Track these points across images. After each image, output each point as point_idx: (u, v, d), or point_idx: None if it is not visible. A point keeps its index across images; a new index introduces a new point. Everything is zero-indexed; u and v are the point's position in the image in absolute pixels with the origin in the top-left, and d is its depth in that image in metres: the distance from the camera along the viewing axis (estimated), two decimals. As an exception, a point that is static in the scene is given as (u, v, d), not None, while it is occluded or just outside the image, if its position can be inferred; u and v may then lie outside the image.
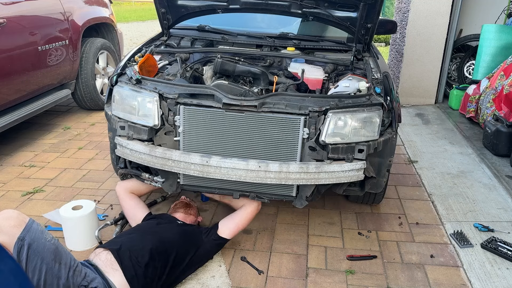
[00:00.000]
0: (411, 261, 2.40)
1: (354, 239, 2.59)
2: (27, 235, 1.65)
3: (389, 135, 2.31)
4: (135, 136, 2.28)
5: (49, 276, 1.63)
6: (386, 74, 2.52)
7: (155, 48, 2.91)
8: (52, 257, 1.66)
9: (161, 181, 2.40)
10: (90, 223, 2.44)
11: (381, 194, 2.79)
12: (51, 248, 1.69)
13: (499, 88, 4.02)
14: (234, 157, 2.21)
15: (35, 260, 1.62)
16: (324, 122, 2.14)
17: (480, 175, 3.39)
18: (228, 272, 2.29)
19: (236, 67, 2.69)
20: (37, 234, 1.68)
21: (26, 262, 1.61)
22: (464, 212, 2.87)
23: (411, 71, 5.13)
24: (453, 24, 4.95)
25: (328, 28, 3.20)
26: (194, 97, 2.25)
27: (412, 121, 4.69)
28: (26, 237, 1.64)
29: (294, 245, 2.52)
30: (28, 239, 1.64)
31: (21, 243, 1.63)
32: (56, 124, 4.49)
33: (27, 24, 3.71)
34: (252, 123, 2.18)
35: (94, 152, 3.76)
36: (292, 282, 2.23)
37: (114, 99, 2.39)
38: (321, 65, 2.85)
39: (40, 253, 1.64)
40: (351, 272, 2.30)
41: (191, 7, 2.93)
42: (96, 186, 3.16)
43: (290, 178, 2.15)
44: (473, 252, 2.46)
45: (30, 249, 1.63)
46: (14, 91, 3.61)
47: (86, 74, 4.54)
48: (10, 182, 3.23)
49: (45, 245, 1.67)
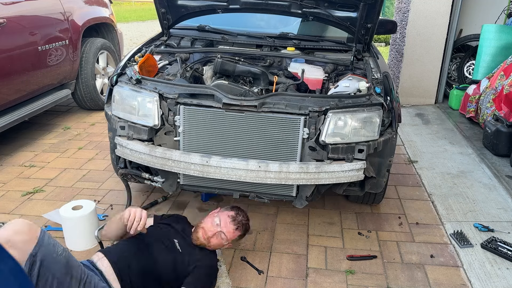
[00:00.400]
0: (411, 261, 2.40)
1: (354, 239, 2.59)
2: (39, 251, 1.61)
3: (389, 135, 2.31)
4: (135, 136, 2.28)
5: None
6: (386, 74, 2.52)
7: (155, 48, 2.91)
8: (64, 271, 1.64)
9: (161, 181, 2.40)
10: (90, 223, 2.44)
11: (381, 194, 2.79)
12: (63, 262, 1.66)
13: (499, 88, 4.02)
14: (234, 157, 2.21)
15: (46, 276, 1.59)
16: (324, 122, 2.15)
17: (480, 175, 3.39)
18: (228, 272, 2.29)
19: (236, 67, 2.69)
20: (49, 249, 1.64)
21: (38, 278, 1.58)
22: (464, 212, 2.87)
23: (411, 71, 5.13)
24: (453, 24, 4.95)
25: (328, 28, 3.20)
26: (194, 97, 2.25)
27: (412, 121, 4.69)
28: (38, 253, 1.60)
29: (294, 245, 2.52)
30: (40, 256, 1.60)
31: (33, 259, 1.58)
32: (56, 124, 4.49)
33: (27, 24, 3.71)
34: (252, 123, 2.18)
35: (94, 152, 3.76)
36: (292, 282, 2.23)
37: (114, 99, 2.39)
38: (321, 65, 2.85)
39: (51, 269, 1.61)
40: (351, 272, 2.30)
41: (191, 7, 2.93)
42: (96, 186, 3.16)
43: (290, 178, 2.15)
44: (473, 252, 2.46)
45: (42, 266, 1.59)
46: (14, 91, 3.61)
47: (86, 74, 4.54)
48: (10, 182, 3.23)
49: (57, 260, 1.64)
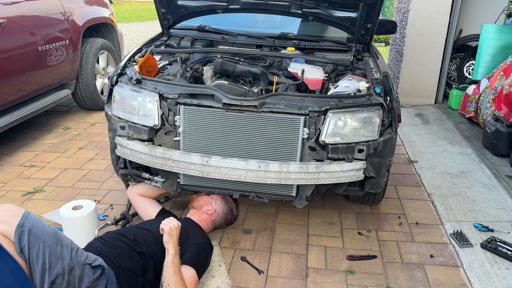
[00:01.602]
0: (411, 261, 2.40)
1: (354, 239, 2.59)
2: (26, 221, 1.70)
3: (389, 135, 2.31)
4: (135, 136, 2.29)
5: (53, 258, 1.66)
6: (386, 74, 2.52)
7: (155, 48, 2.91)
8: (54, 240, 1.70)
9: (161, 181, 2.40)
10: (90, 223, 2.44)
11: (381, 194, 2.79)
12: (51, 232, 1.73)
13: (499, 88, 4.02)
14: (234, 157, 2.21)
15: (37, 244, 1.66)
16: (324, 122, 2.15)
17: (480, 175, 3.40)
18: (228, 272, 2.29)
19: (236, 67, 2.69)
20: (35, 220, 1.73)
21: (29, 247, 1.65)
22: (464, 212, 2.87)
23: (411, 71, 5.13)
24: (453, 24, 4.95)
25: (328, 28, 3.20)
26: (194, 97, 2.25)
27: (412, 121, 4.70)
28: (25, 223, 1.69)
29: (294, 245, 2.53)
30: (28, 225, 1.69)
31: (21, 229, 1.67)
32: (56, 124, 4.49)
33: (27, 24, 3.71)
34: (252, 123, 2.19)
35: (94, 152, 3.76)
36: (292, 282, 2.23)
37: (114, 99, 2.40)
38: (321, 65, 2.86)
39: (41, 236, 1.68)
40: (351, 272, 2.30)
41: (191, 7, 2.93)
42: (96, 186, 3.16)
43: (290, 178, 2.15)
44: (473, 252, 2.46)
45: (31, 234, 1.67)
46: (14, 91, 3.61)
47: (86, 74, 4.55)
48: (10, 182, 3.24)
49: (45, 229, 1.72)
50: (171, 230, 2.06)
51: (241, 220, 2.75)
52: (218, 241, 2.54)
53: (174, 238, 2.04)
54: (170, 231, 2.05)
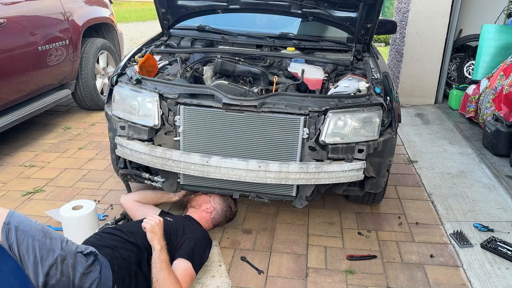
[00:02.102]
0: (411, 261, 2.40)
1: (354, 239, 2.59)
2: (11, 219, 1.70)
3: (389, 135, 2.31)
4: (135, 136, 2.29)
5: (43, 251, 1.66)
6: (386, 74, 2.52)
7: (155, 48, 2.91)
8: (42, 234, 1.71)
9: (161, 181, 2.40)
10: (90, 223, 2.44)
11: (381, 194, 2.79)
12: (39, 227, 1.73)
13: (499, 88, 4.02)
14: (234, 157, 2.21)
15: (26, 240, 1.66)
16: (324, 122, 2.15)
17: (479, 175, 3.40)
18: (228, 272, 2.29)
19: (236, 67, 2.69)
20: (21, 218, 1.73)
21: (18, 244, 1.65)
22: (463, 212, 2.87)
23: (411, 71, 5.13)
24: (453, 24, 4.95)
25: (328, 28, 3.20)
26: (194, 97, 2.25)
27: (412, 121, 4.70)
28: (11, 221, 1.69)
29: (294, 245, 2.53)
30: (14, 222, 1.69)
31: (7, 227, 1.67)
32: (56, 124, 4.49)
33: (27, 24, 3.71)
34: (252, 123, 2.19)
35: (94, 152, 3.76)
36: (292, 282, 2.23)
37: (114, 99, 2.40)
38: (321, 65, 2.86)
39: (28, 232, 1.68)
40: (351, 272, 2.30)
41: (191, 7, 2.93)
42: (96, 186, 3.16)
43: (290, 178, 2.15)
44: (473, 252, 2.46)
45: (18, 231, 1.67)
46: (14, 91, 3.61)
47: (86, 74, 4.55)
48: (10, 182, 3.24)
49: (32, 225, 1.72)
50: (153, 227, 2.05)
51: (241, 220, 2.76)
52: (218, 241, 2.54)
53: (157, 234, 2.04)
54: (152, 228, 2.05)
